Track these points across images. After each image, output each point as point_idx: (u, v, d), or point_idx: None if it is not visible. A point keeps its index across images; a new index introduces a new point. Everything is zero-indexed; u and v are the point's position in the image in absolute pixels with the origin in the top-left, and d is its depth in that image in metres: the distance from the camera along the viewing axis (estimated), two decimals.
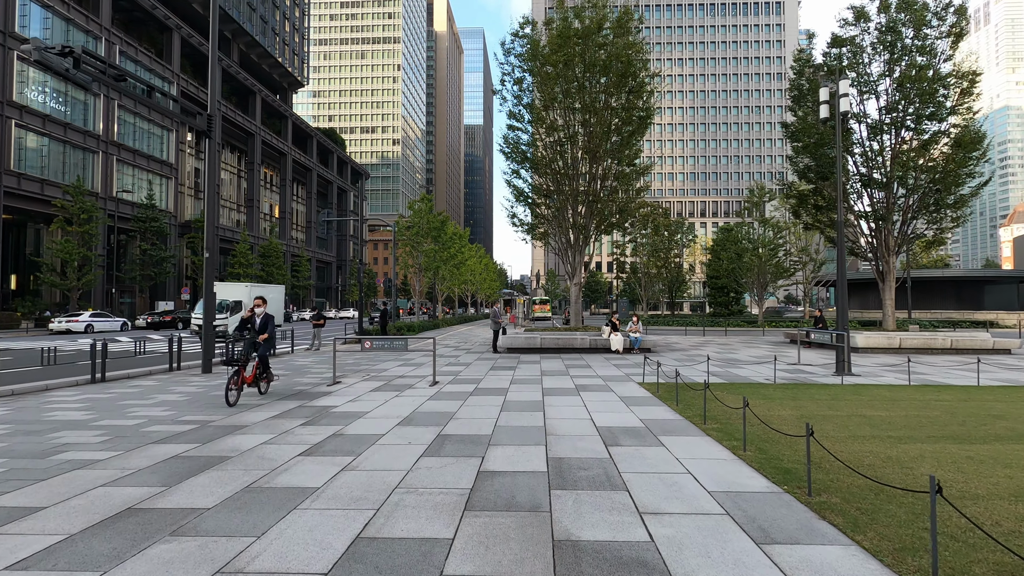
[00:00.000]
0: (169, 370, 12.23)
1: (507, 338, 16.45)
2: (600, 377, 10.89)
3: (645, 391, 9.02)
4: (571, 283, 18.48)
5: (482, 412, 7.22)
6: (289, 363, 13.99)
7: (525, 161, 18.70)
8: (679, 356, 15.46)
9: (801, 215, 20.17)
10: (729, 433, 5.86)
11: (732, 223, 40.72)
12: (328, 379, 10.60)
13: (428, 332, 28.91)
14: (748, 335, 26.77)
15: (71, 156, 39.64)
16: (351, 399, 8.33)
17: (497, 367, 12.73)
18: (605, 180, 18.06)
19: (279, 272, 59.77)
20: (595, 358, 14.76)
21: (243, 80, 62.52)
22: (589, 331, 17.86)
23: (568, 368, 12.46)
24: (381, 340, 10.05)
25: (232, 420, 6.75)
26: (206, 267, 11.91)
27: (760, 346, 19.37)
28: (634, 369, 12.30)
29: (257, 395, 8.66)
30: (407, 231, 32.19)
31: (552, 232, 19.02)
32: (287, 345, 18.45)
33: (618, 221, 18.38)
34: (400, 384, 9.98)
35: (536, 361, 14.06)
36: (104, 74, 9.66)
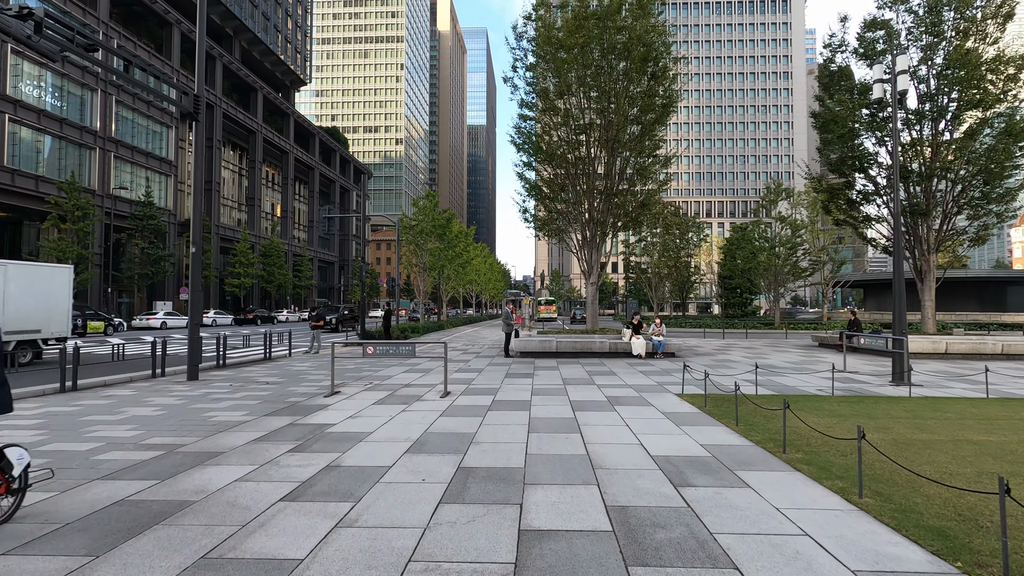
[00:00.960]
0: (152, 377, 11.10)
1: (520, 341, 15.28)
2: (631, 387, 9.70)
3: (690, 405, 7.83)
4: (587, 283, 17.28)
5: (507, 433, 6.04)
6: (285, 368, 12.85)
7: (538, 153, 17.51)
8: (707, 361, 14.26)
9: (832, 211, 18.93)
10: (824, 467, 4.66)
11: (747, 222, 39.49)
12: (326, 388, 9.44)
13: (433, 333, 27.75)
14: (770, 337, 25.51)
15: (67, 152, 38.67)
16: (351, 414, 7.17)
17: (513, 374, 11.56)
18: (623, 172, 16.87)
19: (280, 272, 58.76)
20: (617, 364, 13.58)
21: (244, 77, 61.57)
22: (607, 334, 16.67)
23: (592, 376, 11.27)
24: (385, 345, 8.89)
25: (207, 444, 5.59)
26: (192, 263, 10.78)
27: (789, 350, 18.14)
28: (664, 377, 11.10)
29: (237, 411, 7.51)
30: (411, 230, 31.07)
31: (566, 228, 17.84)
32: (284, 348, 17.30)
33: (638, 216, 17.19)
34: (407, 395, 8.81)
35: (554, 367, 12.88)
36: (72, 43, 8.53)
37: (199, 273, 10.86)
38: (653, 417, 7.00)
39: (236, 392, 9.16)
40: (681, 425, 6.48)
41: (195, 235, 10.83)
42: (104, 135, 41.40)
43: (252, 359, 15.06)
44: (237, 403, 8.05)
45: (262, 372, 12.17)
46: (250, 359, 14.98)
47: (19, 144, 35.35)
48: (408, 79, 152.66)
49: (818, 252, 32.45)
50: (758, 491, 4.11)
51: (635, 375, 11.39)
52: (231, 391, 9.29)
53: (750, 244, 36.07)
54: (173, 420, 6.82)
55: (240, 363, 13.95)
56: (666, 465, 4.81)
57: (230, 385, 10.01)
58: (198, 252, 10.80)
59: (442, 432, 6.11)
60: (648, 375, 11.39)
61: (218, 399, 8.43)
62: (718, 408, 7.50)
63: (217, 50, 55.86)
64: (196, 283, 10.84)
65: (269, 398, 8.52)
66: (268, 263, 57.87)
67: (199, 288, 10.86)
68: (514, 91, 18.71)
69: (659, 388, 9.56)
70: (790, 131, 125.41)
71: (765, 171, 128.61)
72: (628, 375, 11.39)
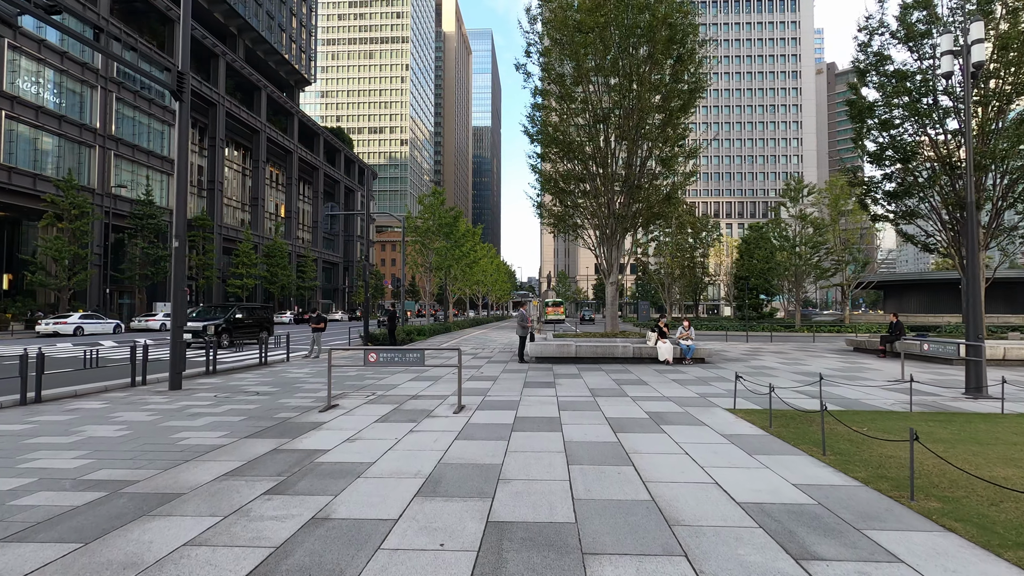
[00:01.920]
0: (131, 385, 9.97)
1: (535, 346, 14.07)
2: (670, 400, 8.47)
3: (750, 424, 6.60)
4: (607, 282, 16.06)
5: (542, 466, 4.84)
6: (280, 375, 11.69)
7: (552, 144, 16.31)
8: (742, 368, 13.00)
9: (867, 206, 17.62)
10: (984, 526, 3.43)
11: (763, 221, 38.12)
12: (322, 400, 8.27)
13: (440, 336, 26.59)
14: (796, 341, 24.14)
15: (66, 150, 37.84)
16: (349, 436, 5.99)
17: (532, 383, 10.35)
18: (645, 164, 15.65)
19: (284, 273, 57.83)
20: (644, 371, 12.35)
21: (248, 75, 60.78)
22: (629, 337, 15.44)
23: (621, 385, 10.05)
24: (390, 352, 7.71)
25: (164, 481, 4.42)
26: (174, 259, 9.65)
27: (824, 355, 16.83)
28: (703, 387, 9.87)
29: (215, 431, 6.34)
30: (416, 230, 29.91)
31: (583, 224, 16.63)
32: (282, 352, 16.18)
33: (663, 211, 15.94)
34: (415, 409, 7.63)
35: (575, 375, 11.67)
36: (31, 2, 7.43)
37: (182, 270, 9.72)
38: (713, 441, 5.77)
39: (219, 405, 8.00)
40: (755, 454, 5.25)
41: (178, 227, 9.70)
42: (104, 133, 40.58)
43: (248, 364, 13.94)
44: (217, 420, 6.89)
45: (254, 380, 11.02)
46: (245, 364, 13.86)
47: (16, 141, 34.51)
48: (413, 80, 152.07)
49: (841, 251, 31.06)
50: (917, 569, 2.89)
51: (669, 385, 10.16)
52: (214, 404, 8.13)
53: (767, 243, 34.72)
54: (135, 444, 5.66)
55: (232, 369, 12.82)
56: (765, 519, 3.59)
57: (215, 396, 8.87)
58: (181, 248, 9.67)
59: (460, 463, 4.92)
60: (684, 385, 10.15)
61: (196, 414, 7.28)
62: (787, 429, 6.27)
63: (220, 48, 55.06)
64: (179, 281, 9.71)
65: (256, 413, 7.35)
66: (271, 264, 56.94)
67: (182, 287, 9.73)
68: (527, 79, 17.56)
69: (703, 401, 8.33)
70: (799, 131, 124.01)
71: (774, 171, 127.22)
72: (661, 385, 10.16)
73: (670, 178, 16.26)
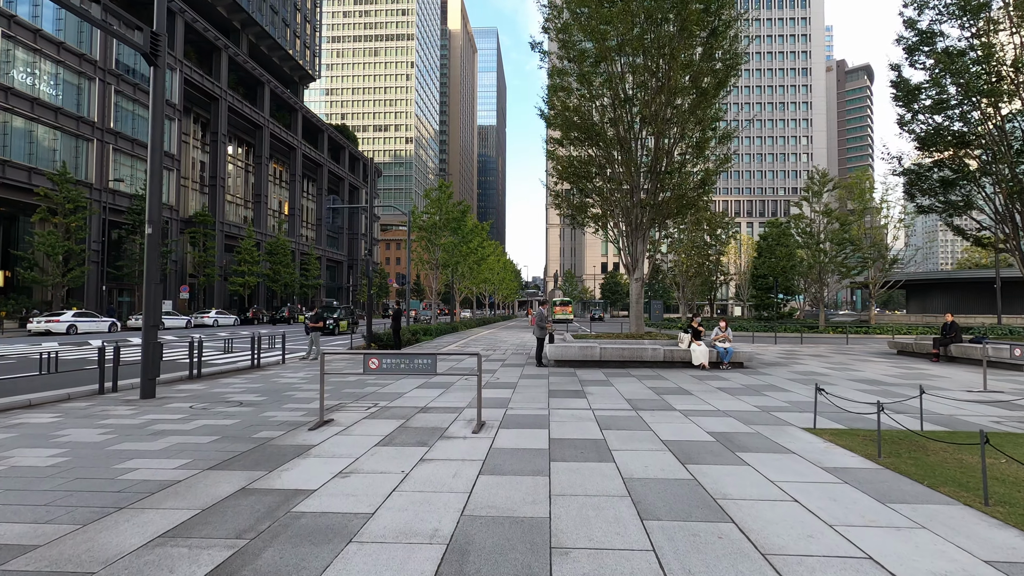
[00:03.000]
0: (98, 392, 8.70)
1: (556, 348, 12.71)
2: (729, 415, 7.10)
3: (850, 453, 5.20)
4: (631, 278, 14.67)
5: (604, 521, 3.48)
6: (271, 380, 10.39)
7: (572, 128, 14.93)
8: (788, 374, 11.59)
9: (915, 196, 16.18)
10: None
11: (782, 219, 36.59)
12: (315, 412, 6.96)
13: (446, 336, 25.29)
14: (829, 343, 22.61)
15: (63, 144, 36.78)
16: (342, 467, 4.66)
17: (557, 392, 8.99)
18: (673, 149, 14.24)
19: (287, 271, 56.73)
20: (679, 376, 10.97)
21: (251, 70, 59.73)
22: (656, 339, 14.06)
23: (661, 395, 8.68)
24: (395, 358, 6.37)
25: (72, 545, 3.10)
26: (147, 247, 8.37)
27: (870, 359, 15.36)
28: (757, 398, 8.48)
29: (174, 459, 5.02)
30: (422, 228, 28.57)
31: (607, 215, 15.24)
32: (277, 353, 14.91)
33: (694, 199, 14.49)
34: (425, 427, 6.30)
35: (603, 381, 10.31)
36: None
37: (156, 260, 8.42)
38: (819, 478, 4.40)
39: (191, 420, 6.70)
40: (889, 502, 3.86)
41: (151, 211, 8.41)
42: (103, 126, 39.53)
43: (239, 367, 12.66)
44: (182, 441, 5.57)
45: (242, 385, 9.73)
46: (236, 367, 12.59)
47: (11, 134, 33.45)
48: (418, 77, 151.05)
49: (868, 248, 29.50)
50: None
51: (717, 395, 8.77)
52: (186, 418, 6.83)
53: (787, 240, 33.21)
54: (63, 479, 4.35)
55: (221, 372, 11.54)
56: None
57: (190, 407, 7.56)
58: (155, 235, 8.38)
59: (492, 515, 3.57)
60: (735, 395, 8.76)
61: (159, 432, 5.97)
62: (901, 459, 4.88)
63: (223, 41, 54.00)
64: (152, 272, 8.40)
65: (232, 431, 6.04)
66: (274, 261, 55.86)
67: (157, 279, 8.43)
68: (543, 57, 16.19)
69: (770, 418, 6.94)
70: (809, 128, 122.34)
71: (783, 170, 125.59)
72: (707, 394, 8.78)
73: (700, 164, 14.83)
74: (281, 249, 56.57)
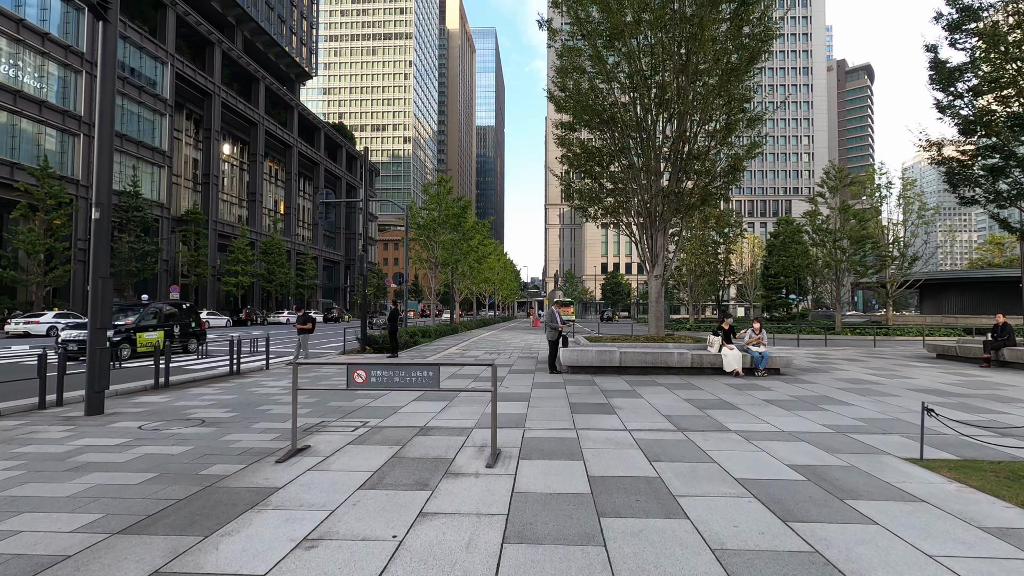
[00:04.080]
0: (39, 407, 7.35)
1: (571, 353, 11.38)
2: (799, 439, 5.76)
3: (1000, 500, 3.88)
4: (650, 275, 13.34)
5: None
6: (248, 390, 9.03)
7: (585, 112, 13.60)
8: (832, 381, 10.27)
9: (958, 185, 14.89)
10: None
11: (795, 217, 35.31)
12: (288, 434, 5.62)
13: (446, 338, 23.95)
14: (855, 345, 21.26)
15: (47, 138, 35.36)
16: (307, 533, 3.32)
17: (580, 405, 7.66)
18: (697, 133, 12.92)
19: (282, 270, 55.32)
20: (715, 385, 9.65)
21: (245, 66, 58.31)
22: (680, 342, 12.76)
23: (703, 410, 7.34)
24: (389, 369, 5.04)
25: None
26: (94, 234, 7.03)
27: (912, 364, 14.04)
28: (816, 413, 7.16)
29: (81, 514, 3.67)
30: (420, 226, 27.19)
31: (624, 206, 13.91)
32: (260, 358, 13.56)
33: (723, 187, 13.18)
34: (424, 457, 4.96)
35: (628, 391, 8.99)
36: None
37: (105, 250, 7.05)
38: (993, 550, 3.07)
39: (132, 447, 5.35)
40: None
41: (99, 193, 7.06)
42: (90, 121, 38.07)
43: (217, 373, 11.32)
44: (105, 482, 4.22)
45: (212, 397, 8.39)
46: (214, 373, 11.25)
47: None
48: (417, 76, 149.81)
49: (888, 246, 28.24)
50: None
51: (767, 409, 7.45)
52: (127, 443, 5.48)
53: (800, 237, 31.93)
54: None
55: (193, 381, 10.19)
56: None
57: (139, 427, 6.22)
58: (103, 220, 7.03)
59: None
60: (790, 410, 7.42)
61: (81, 467, 4.62)
62: None
63: (216, 36, 52.60)
64: (101, 264, 7.02)
65: (176, 464, 4.69)
66: (269, 261, 54.45)
67: (106, 272, 7.05)
68: (552, 38, 14.87)
69: (853, 442, 5.60)
70: (810, 128, 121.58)
71: (784, 170, 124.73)
72: (756, 408, 7.45)
73: (725, 149, 13.51)
74: (276, 248, 55.18)
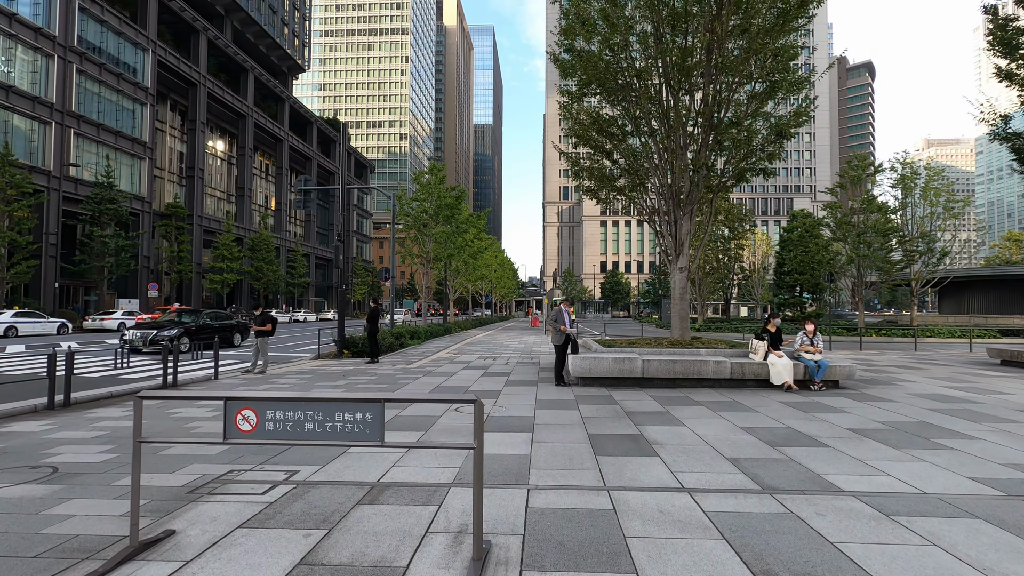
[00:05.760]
0: None
1: (581, 361, 9.26)
2: (953, 503, 3.68)
3: None
4: (673, 267, 11.24)
5: None
6: (164, 413, 6.91)
7: (597, 73, 11.44)
8: (920, 401, 8.20)
9: None
10: None
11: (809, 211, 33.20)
12: (168, 499, 3.52)
13: (437, 340, 21.84)
14: (895, 349, 19.14)
15: (13, 126, 33.11)
16: None
17: (605, 442, 5.54)
18: (732, 94, 10.79)
19: (270, 268, 53.10)
20: (767, 403, 7.57)
21: (233, 55, 56.02)
22: (712, 347, 10.66)
23: (779, 448, 5.24)
24: (295, 409, 2.90)
25: None
26: None
27: (982, 372, 11.97)
28: (938, 453, 5.06)
29: None
30: (411, 215, 25.07)
31: (642, 185, 11.79)
32: (208, 364, 11.42)
33: (767, 158, 11.01)
34: (362, 561, 2.86)
35: (661, 412, 6.91)
36: None
37: None
38: None
39: None
40: None
41: None
42: (63, 108, 35.84)
43: (139, 386, 9.20)
44: None
45: (108, 424, 6.27)
46: (152, 383, 9.13)
47: None
48: (413, 72, 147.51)
49: (916, 239, 26.20)
50: None
51: (862, 444, 5.35)
52: None
53: (816, 231, 29.89)
54: None
55: (105, 397, 8.06)
56: None
57: None
58: None
59: None
60: (898, 447, 5.31)
61: None
62: None
63: (201, 23, 50.32)
64: None
65: None
66: (257, 258, 52.21)
67: None
68: None
69: None
70: (812, 125, 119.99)
71: (785, 167, 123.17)
72: (848, 443, 5.35)
73: (759, 120, 11.39)
74: (264, 245, 52.95)
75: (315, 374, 11.18)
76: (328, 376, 10.82)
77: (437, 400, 3.54)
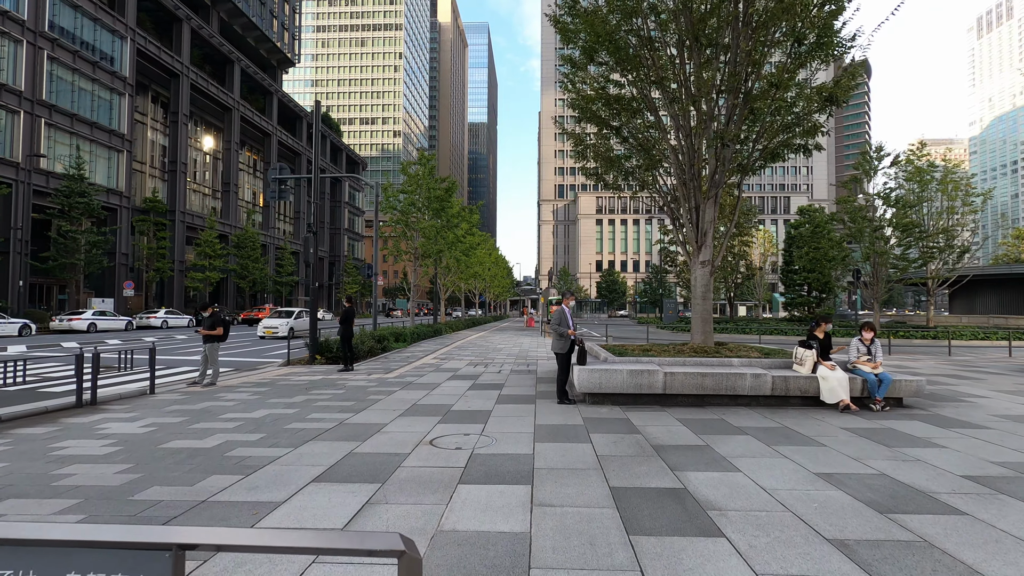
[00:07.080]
0: None
1: (590, 374, 7.61)
2: None
3: None
4: (694, 261, 9.62)
5: None
6: (49, 445, 5.22)
7: (603, 41, 9.77)
8: (1013, 428, 6.63)
9: None
10: None
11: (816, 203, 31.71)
12: None
13: (426, 342, 20.16)
14: (927, 353, 17.63)
15: None
16: None
17: (636, 509, 3.90)
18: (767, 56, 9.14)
19: (256, 266, 51.17)
20: (828, 429, 5.96)
21: (219, 46, 53.94)
22: (740, 354, 9.04)
23: (890, 515, 3.60)
24: None
25: None
26: None
27: None
28: None
29: None
30: (396, 210, 23.29)
31: (657, 165, 10.16)
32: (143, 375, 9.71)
33: (811, 131, 9.37)
34: None
35: (699, 447, 5.28)
36: None
37: None
38: None
39: None
40: None
41: None
42: (32, 97, 33.86)
43: (62, 405, 7.47)
44: None
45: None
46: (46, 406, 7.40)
47: None
48: (407, 69, 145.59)
49: (936, 235, 24.75)
50: None
51: (996, 504, 3.75)
52: None
53: (826, 228, 28.42)
54: None
55: (28, 416, 6.34)
56: None
57: None
58: None
59: None
60: None
61: None
62: None
63: (184, 11, 48.28)
64: None
65: None
66: (242, 255, 50.28)
67: None
68: None
69: None
70: None
71: (783, 167, 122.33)
72: (983, 506, 3.74)
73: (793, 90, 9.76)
74: (250, 242, 51.02)
75: (274, 386, 9.47)
76: (287, 390, 9.11)
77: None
